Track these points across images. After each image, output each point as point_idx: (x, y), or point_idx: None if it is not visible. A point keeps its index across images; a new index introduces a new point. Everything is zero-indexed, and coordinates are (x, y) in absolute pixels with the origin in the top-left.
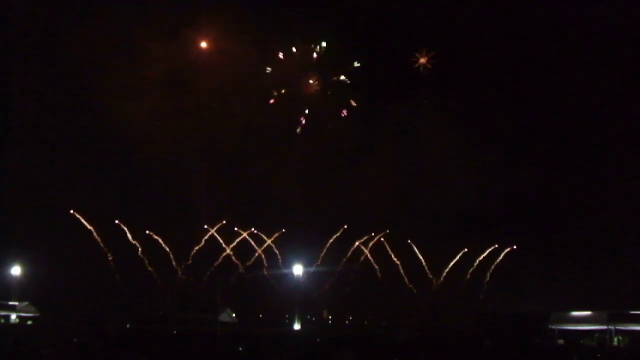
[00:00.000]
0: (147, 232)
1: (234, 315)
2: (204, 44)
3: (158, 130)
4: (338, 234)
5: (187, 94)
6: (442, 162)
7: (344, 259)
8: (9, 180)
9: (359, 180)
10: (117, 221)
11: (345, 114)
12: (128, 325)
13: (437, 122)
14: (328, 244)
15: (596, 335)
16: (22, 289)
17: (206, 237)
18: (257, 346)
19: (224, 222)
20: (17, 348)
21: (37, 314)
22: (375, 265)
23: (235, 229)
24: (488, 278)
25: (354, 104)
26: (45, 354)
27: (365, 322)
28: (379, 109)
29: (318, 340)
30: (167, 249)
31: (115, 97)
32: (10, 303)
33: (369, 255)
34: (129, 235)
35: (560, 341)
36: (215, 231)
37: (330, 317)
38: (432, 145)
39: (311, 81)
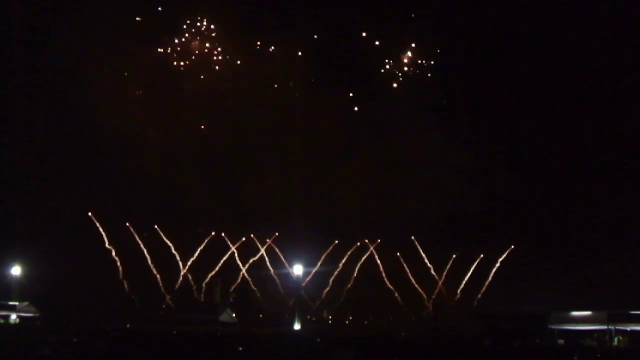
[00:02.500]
0: (146, 234)
1: (234, 315)
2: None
3: (154, 131)
4: (336, 236)
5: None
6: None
7: (343, 261)
8: (8, 181)
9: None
10: (115, 221)
11: None
12: (128, 325)
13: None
14: (327, 244)
15: (595, 335)
16: (22, 289)
17: (204, 238)
18: (257, 346)
19: (224, 224)
20: (17, 348)
21: (37, 314)
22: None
23: (231, 235)
24: (487, 278)
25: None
26: (45, 354)
27: (365, 322)
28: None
29: (318, 340)
30: (165, 250)
31: (110, 98)
32: (10, 303)
33: (359, 263)
34: (127, 235)
35: (560, 341)
36: (214, 232)
37: (330, 317)
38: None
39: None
